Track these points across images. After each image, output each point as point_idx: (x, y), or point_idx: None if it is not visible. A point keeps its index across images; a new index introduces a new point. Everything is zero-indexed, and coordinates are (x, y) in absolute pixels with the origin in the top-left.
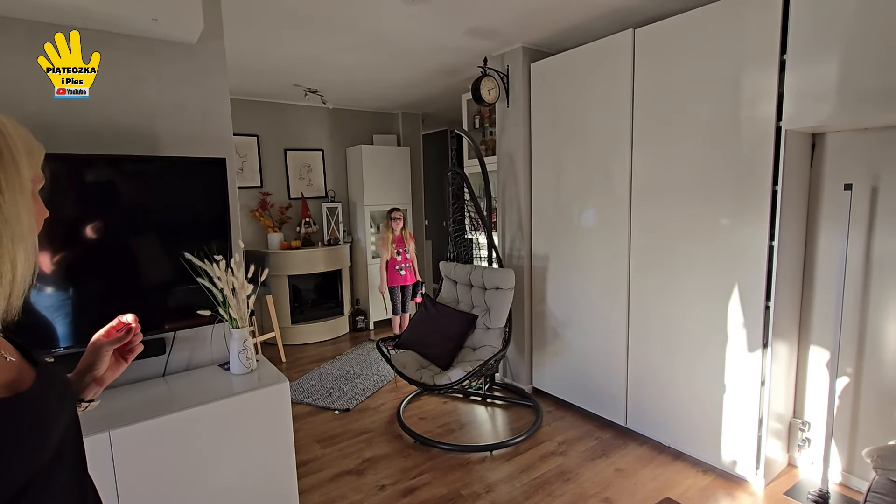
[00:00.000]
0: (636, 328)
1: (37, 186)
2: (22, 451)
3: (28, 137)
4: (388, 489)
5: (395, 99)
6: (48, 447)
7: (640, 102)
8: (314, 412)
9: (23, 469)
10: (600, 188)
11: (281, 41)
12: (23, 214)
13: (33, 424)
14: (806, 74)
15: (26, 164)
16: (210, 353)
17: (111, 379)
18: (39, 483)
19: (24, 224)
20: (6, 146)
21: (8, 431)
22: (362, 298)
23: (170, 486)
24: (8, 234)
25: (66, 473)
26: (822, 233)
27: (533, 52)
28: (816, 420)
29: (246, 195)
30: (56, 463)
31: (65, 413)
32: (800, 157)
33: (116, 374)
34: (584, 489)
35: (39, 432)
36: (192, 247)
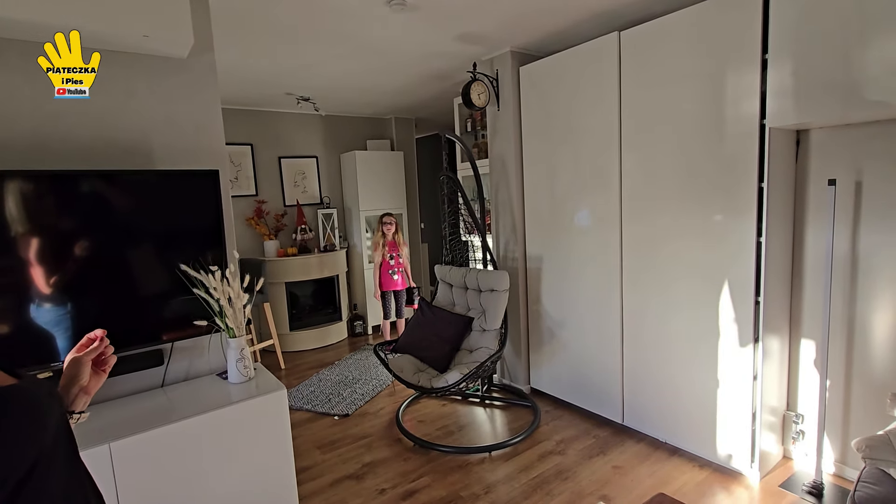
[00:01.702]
0: (630, 326)
1: None
2: (29, 431)
3: None
4: (388, 493)
5: (388, 104)
6: (49, 429)
7: (627, 103)
8: (313, 418)
9: (32, 447)
10: (592, 188)
11: (272, 51)
12: None
13: (34, 408)
14: (787, 72)
15: None
16: (208, 363)
17: (95, 389)
18: (44, 464)
19: None
20: None
21: (14, 412)
22: (360, 304)
23: (171, 495)
24: None
25: (64, 458)
26: (810, 228)
27: (521, 55)
28: (809, 412)
29: (241, 204)
30: (56, 447)
31: (55, 405)
32: (784, 154)
33: (99, 385)
34: (582, 487)
35: (39, 415)
36: (187, 258)
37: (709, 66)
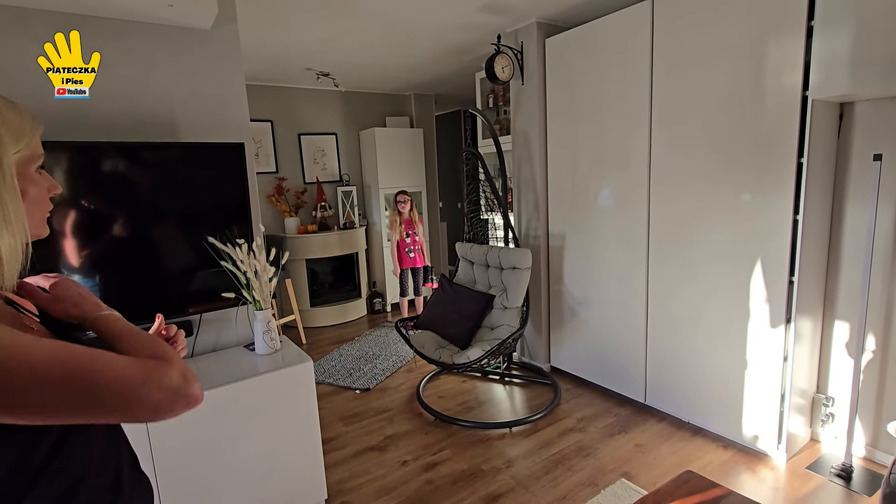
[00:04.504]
0: (655, 305)
1: (33, 165)
2: None
3: (16, 119)
4: (410, 464)
5: (408, 80)
6: None
7: (659, 76)
8: (336, 392)
9: None
10: (618, 165)
11: (292, 25)
12: (7, 200)
13: None
14: (835, 41)
15: (11, 149)
16: (235, 335)
17: None
18: None
19: (8, 209)
20: None
21: None
22: (378, 281)
23: (203, 459)
24: None
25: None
26: (850, 205)
27: (548, 26)
28: (840, 395)
29: (262, 181)
30: None
31: None
32: (827, 128)
33: None
34: (603, 464)
35: None
36: (214, 231)
37: (748, 34)
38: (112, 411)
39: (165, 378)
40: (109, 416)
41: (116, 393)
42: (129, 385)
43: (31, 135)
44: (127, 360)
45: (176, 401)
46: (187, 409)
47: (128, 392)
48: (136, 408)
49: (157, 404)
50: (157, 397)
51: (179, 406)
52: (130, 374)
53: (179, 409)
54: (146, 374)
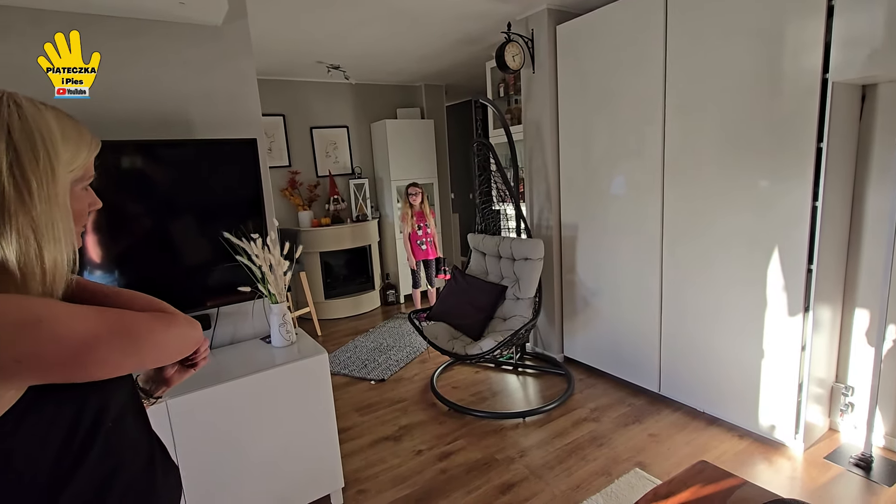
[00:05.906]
0: (670, 294)
1: (81, 184)
2: None
3: (75, 136)
4: (424, 454)
5: (418, 71)
6: (129, 382)
7: (673, 60)
8: (350, 382)
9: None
10: (632, 153)
11: (301, 18)
12: (58, 220)
13: None
14: (857, 20)
15: (65, 168)
16: (252, 328)
17: (177, 383)
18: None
19: (59, 228)
20: (45, 152)
21: None
22: (392, 273)
23: (223, 449)
24: (38, 240)
25: (135, 412)
26: (871, 191)
27: (558, 13)
28: (860, 384)
29: (275, 175)
30: (131, 400)
31: None
32: (848, 111)
33: (181, 379)
34: (617, 453)
35: None
36: (229, 226)
37: (767, 15)
38: None
39: (178, 322)
40: None
41: (152, 343)
42: (156, 332)
43: (88, 156)
44: (147, 314)
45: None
46: (196, 346)
47: (160, 338)
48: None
49: (179, 348)
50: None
51: (190, 346)
52: (155, 324)
53: (190, 347)
54: (166, 321)
